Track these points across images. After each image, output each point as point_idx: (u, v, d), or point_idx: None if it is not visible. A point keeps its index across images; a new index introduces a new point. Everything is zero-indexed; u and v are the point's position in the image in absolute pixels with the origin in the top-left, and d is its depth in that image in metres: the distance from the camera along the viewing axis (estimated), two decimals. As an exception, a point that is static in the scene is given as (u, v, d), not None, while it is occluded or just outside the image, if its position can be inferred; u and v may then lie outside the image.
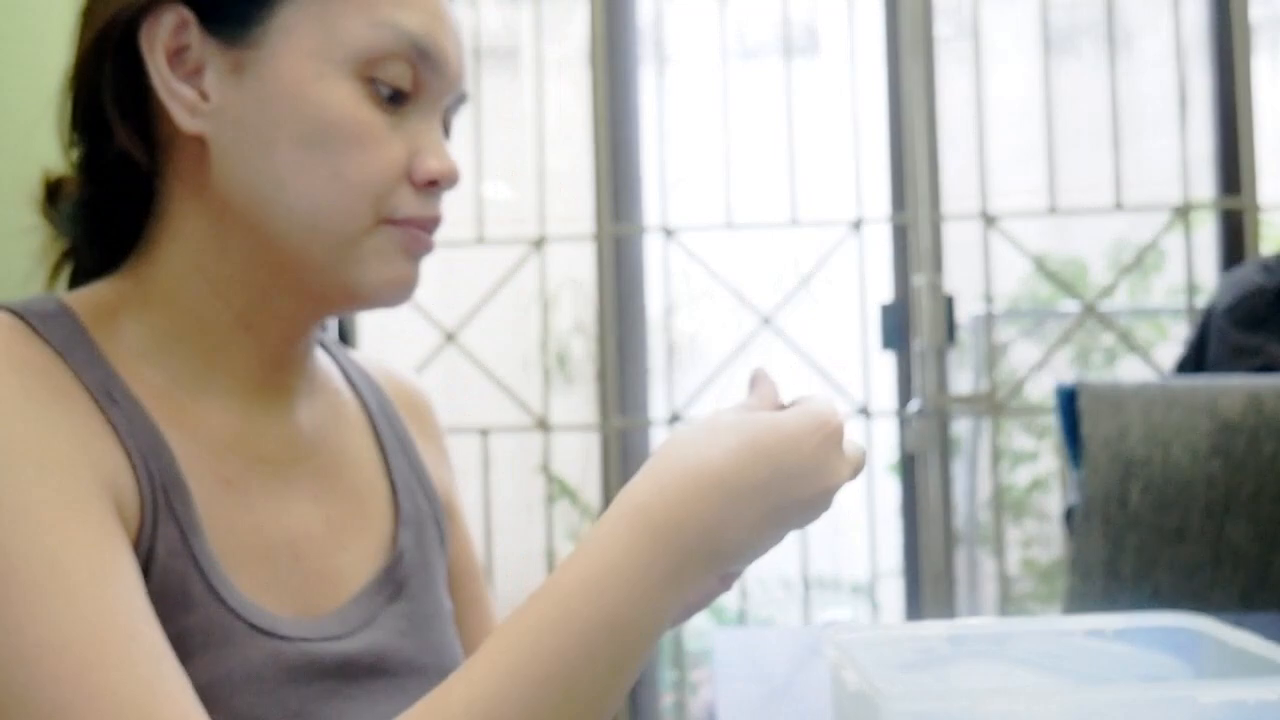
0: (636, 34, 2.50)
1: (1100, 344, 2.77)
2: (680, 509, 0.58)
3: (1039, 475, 2.86)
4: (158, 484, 0.64)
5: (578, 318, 2.97)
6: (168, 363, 0.69)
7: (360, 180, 0.68)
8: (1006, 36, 2.59)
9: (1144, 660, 0.70)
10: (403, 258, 0.71)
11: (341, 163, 0.67)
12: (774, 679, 1.05)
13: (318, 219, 0.68)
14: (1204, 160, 2.39)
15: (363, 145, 0.68)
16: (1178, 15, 2.27)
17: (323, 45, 0.67)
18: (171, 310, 0.70)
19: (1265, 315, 1.86)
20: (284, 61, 0.67)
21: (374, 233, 0.69)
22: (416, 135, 0.71)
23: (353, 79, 0.68)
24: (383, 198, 0.69)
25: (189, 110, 0.68)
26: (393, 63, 0.68)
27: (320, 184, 0.67)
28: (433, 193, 0.71)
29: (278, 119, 0.67)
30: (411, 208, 0.70)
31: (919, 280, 2.28)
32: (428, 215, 0.71)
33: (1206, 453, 1.45)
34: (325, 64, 0.67)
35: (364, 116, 0.68)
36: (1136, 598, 1.46)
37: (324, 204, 0.67)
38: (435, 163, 0.70)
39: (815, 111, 2.40)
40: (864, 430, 2.34)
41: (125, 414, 0.65)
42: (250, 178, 0.68)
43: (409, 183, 0.70)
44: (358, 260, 0.69)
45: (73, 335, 0.66)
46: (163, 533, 0.64)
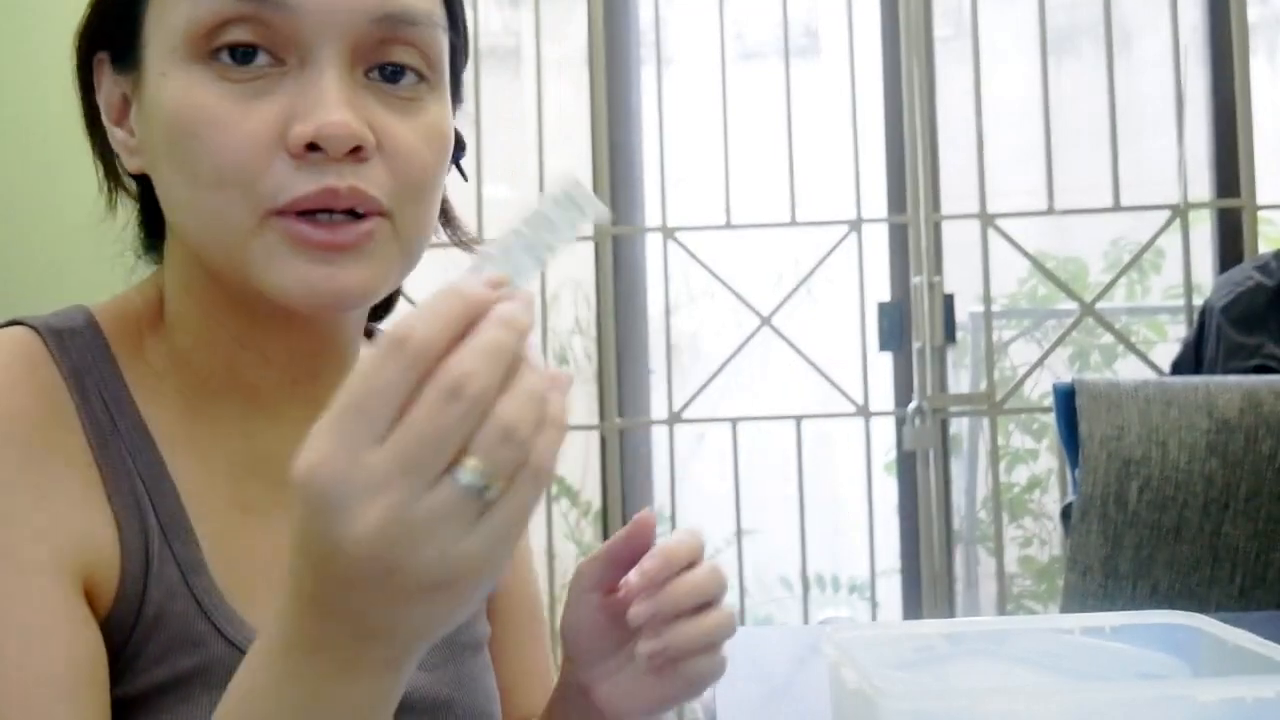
0: (637, 34, 2.50)
1: (1098, 343, 2.77)
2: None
3: (1037, 474, 2.86)
4: (154, 527, 0.62)
5: (578, 318, 2.97)
6: (184, 383, 0.67)
7: (214, 173, 0.59)
8: (1005, 37, 2.60)
9: (1142, 658, 0.70)
10: (300, 259, 0.60)
11: (192, 159, 0.60)
12: (773, 678, 1.05)
13: (198, 229, 0.62)
14: (1202, 160, 2.40)
15: (205, 131, 0.59)
16: (1176, 16, 2.28)
17: (163, 41, 0.61)
18: (180, 330, 0.68)
19: (1262, 315, 1.86)
20: (149, 74, 0.63)
21: (261, 230, 0.60)
22: (296, 96, 0.60)
23: (193, 63, 0.60)
24: (254, 185, 0.59)
25: (126, 151, 0.67)
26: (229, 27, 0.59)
27: (185, 192, 0.61)
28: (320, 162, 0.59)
29: (154, 138, 0.63)
30: (291, 187, 0.59)
31: (918, 280, 2.29)
32: (310, 191, 0.59)
33: (1204, 451, 1.46)
34: (166, 60, 0.61)
35: (201, 101, 0.59)
36: (1134, 596, 1.47)
37: (196, 210, 0.61)
38: (304, 122, 0.58)
39: (815, 112, 2.40)
40: (863, 430, 2.34)
41: (129, 447, 0.63)
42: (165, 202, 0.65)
43: (287, 156, 0.59)
44: (254, 266, 0.60)
45: (92, 355, 0.65)
46: (160, 576, 0.62)
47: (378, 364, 0.44)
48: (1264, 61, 2.95)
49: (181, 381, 0.67)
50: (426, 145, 0.63)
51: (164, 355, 0.67)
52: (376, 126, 0.61)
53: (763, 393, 2.64)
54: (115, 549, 0.61)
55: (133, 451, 0.63)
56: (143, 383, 0.66)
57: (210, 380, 0.67)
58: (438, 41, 0.64)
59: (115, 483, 0.62)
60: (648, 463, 2.51)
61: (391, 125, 0.62)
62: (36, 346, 0.63)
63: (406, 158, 0.62)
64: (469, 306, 0.45)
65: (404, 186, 0.62)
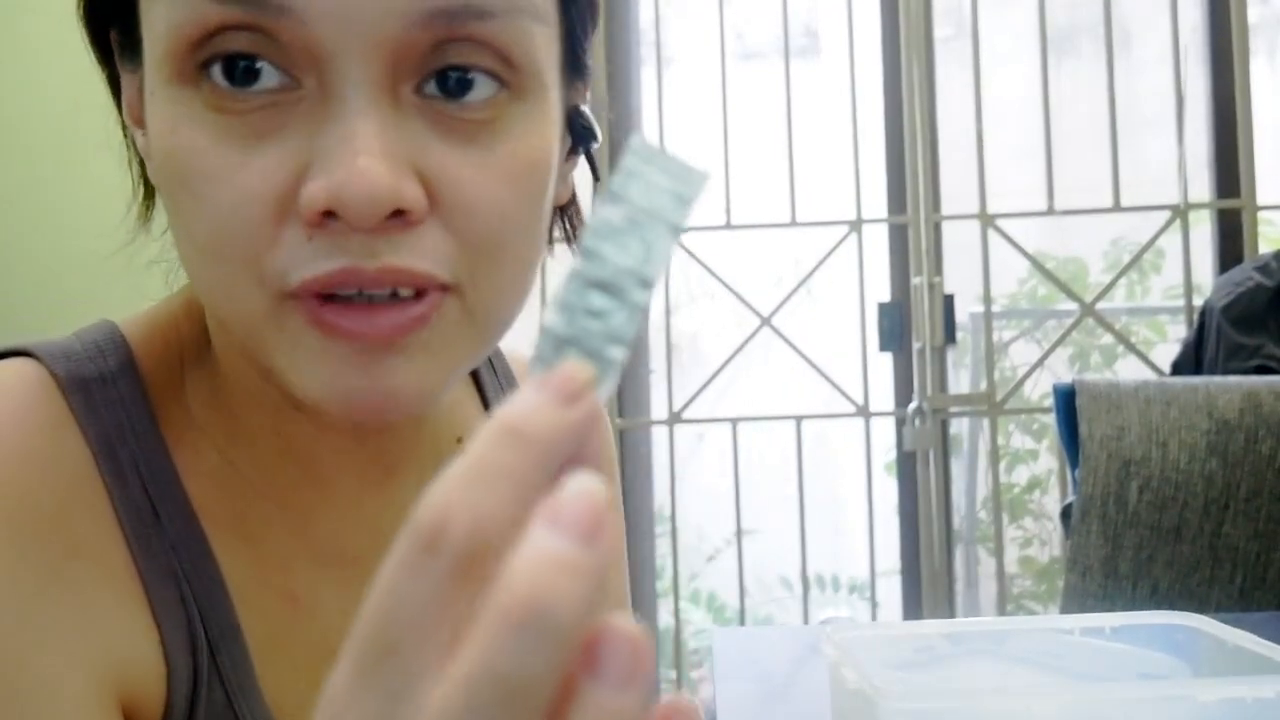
0: (637, 34, 2.50)
1: (1098, 344, 2.77)
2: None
3: (1037, 474, 2.86)
4: (201, 641, 0.50)
5: (577, 318, 2.96)
6: (225, 441, 0.54)
7: (210, 239, 0.44)
8: (1005, 37, 2.60)
9: (1142, 658, 0.70)
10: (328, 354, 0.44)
11: (184, 219, 0.45)
12: (773, 678, 1.05)
13: (209, 300, 0.48)
14: (1202, 161, 2.40)
15: (198, 183, 0.43)
16: (1176, 16, 2.28)
17: (151, 48, 0.45)
18: (223, 377, 0.54)
19: (1262, 315, 1.86)
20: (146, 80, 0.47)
21: (278, 314, 0.44)
22: (313, 136, 0.43)
23: (180, 85, 0.44)
24: (261, 258, 0.43)
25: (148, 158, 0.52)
26: (223, 36, 0.42)
27: (185, 252, 0.47)
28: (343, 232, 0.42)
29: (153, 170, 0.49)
30: (303, 265, 0.43)
31: (918, 280, 2.29)
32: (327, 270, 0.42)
33: (1204, 452, 1.46)
34: (152, 73, 0.45)
35: (187, 140, 0.43)
36: (1134, 596, 1.47)
37: (199, 280, 0.47)
38: (321, 178, 0.41)
39: (815, 112, 2.40)
40: (863, 430, 2.34)
41: (172, 539, 0.50)
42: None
43: (300, 223, 0.43)
44: (271, 360, 0.46)
45: (127, 414, 0.51)
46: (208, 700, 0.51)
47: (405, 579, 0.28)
48: (1264, 62, 2.95)
49: (225, 440, 0.53)
50: (508, 187, 0.45)
51: (207, 403, 0.53)
52: (430, 172, 0.43)
53: (763, 393, 2.63)
54: (160, 670, 0.49)
55: (177, 544, 0.50)
56: (184, 444, 0.52)
57: (259, 441, 0.53)
58: (526, 36, 0.45)
59: (159, 589, 0.50)
60: (648, 463, 2.51)
61: (455, 167, 0.44)
62: (55, 403, 0.49)
63: (475, 213, 0.44)
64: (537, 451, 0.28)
65: (476, 250, 0.45)
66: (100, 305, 0.61)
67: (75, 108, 0.70)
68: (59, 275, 2.00)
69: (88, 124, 0.65)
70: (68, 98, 0.70)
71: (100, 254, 0.61)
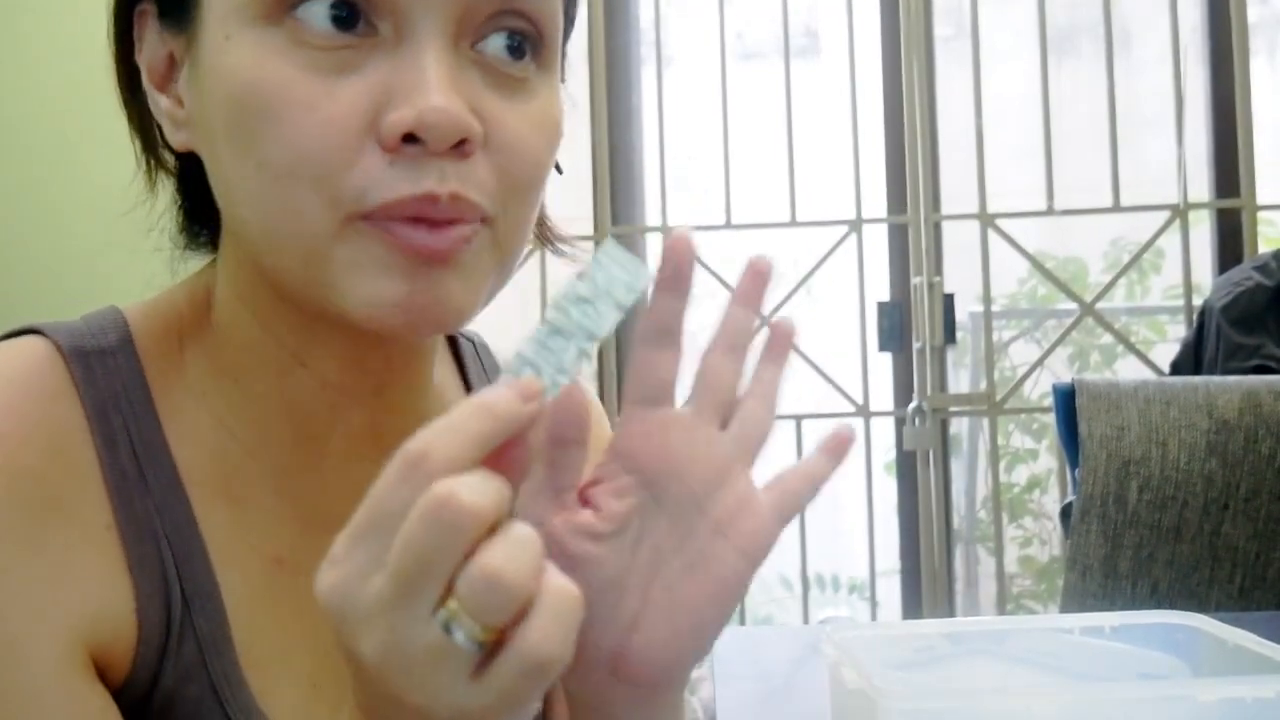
0: (637, 34, 2.50)
1: (1098, 343, 2.77)
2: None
3: (1037, 474, 2.86)
4: (177, 599, 0.54)
5: (577, 317, 2.97)
6: (223, 407, 0.58)
7: (290, 164, 0.48)
8: (1005, 37, 2.60)
9: (1142, 658, 0.70)
10: (394, 270, 0.49)
11: (262, 146, 0.49)
12: (773, 677, 1.05)
13: (266, 230, 0.51)
14: (1201, 161, 2.40)
15: (283, 112, 0.48)
16: (1176, 16, 2.28)
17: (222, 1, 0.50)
18: (226, 340, 0.58)
19: (1262, 315, 1.86)
20: (207, 34, 0.51)
21: (345, 235, 0.49)
22: (391, 73, 0.48)
23: (266, 24, 0.49)
24: (337, 180, 0.48)
25: (172, 124, 0.55)
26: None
27: (253, 183, 0.50)
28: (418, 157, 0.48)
29: (211, 111, 0.51)
30: (385, 188, 0.48)
31: (918, 280, 2.29)
32: (406, 195, 0.48)
33: (1204, 451, 1.46)
34: (230, 19, 0.50)
35: (275, 73, 0.48)
36: (1134, 596, 1.47)
37: (264, 208, 0.50)
38: (405, 109, 0.47)
39: (815, 112, 2.41)
40: (863, 430, 2.34)
41: (156, 503, 0.55)
42: (219, 190, 0.54)
43: (378, 148, 0.48)
44: (332, 278, 0.50)
45: (123, 384, 0.55)
46: (178, 656, 0.54)
47: (393, 482, 0.41)
48: (1264, 62, 2.95)
49: (224, 406, 0.58)
50: (539, 136, 0.52)
51: (207, 372, 0.58)
52: (483, 113, 0.50)
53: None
54: (132, 625, 0.53)
55: (161, 507, 0.55)
56: (178, 413, 0.57)
57: (258, 403, 0.58)
58: (555, 12, 0.53)
59: (137, 548, 0.54)
60: (647, 462, 2.51)
61: (500, 112, 0.51)
62: (58, 371, 0.54)
63: (516, 152, 0.51)
64: (497, 424, 0.42)
65: (509, 187, 0.51)
66: (99, 301, 0.62)
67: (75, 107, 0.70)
68: (57, 273, 2.00)
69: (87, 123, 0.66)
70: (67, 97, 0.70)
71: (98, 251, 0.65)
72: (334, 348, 0.57)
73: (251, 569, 0.57)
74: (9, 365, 0.54)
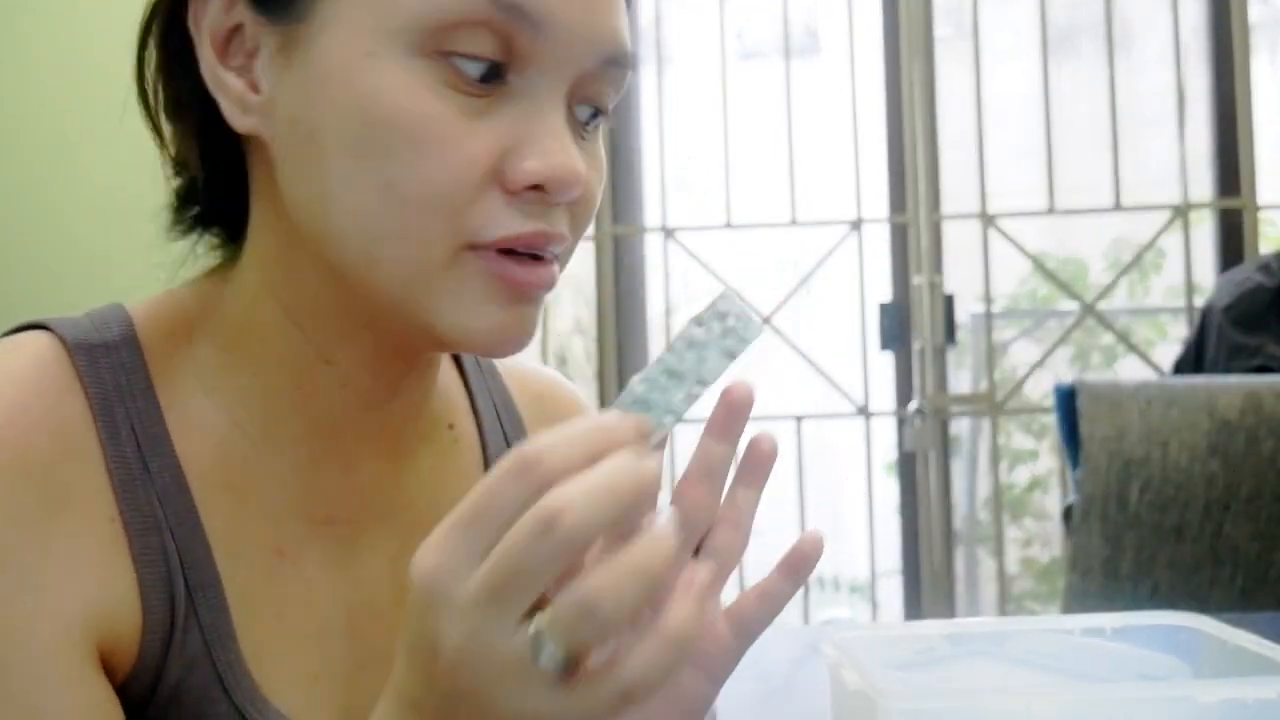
0: (637, 35, 2.50)
1: (1099, 344, 2.77)
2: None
3: (1038, 474, 2.86)
4: (180, 590, 0.55)
5: (578, 318, 2.97)
6: (233, 400, 0.58)
7: (422, 192, 0.51)
8: (1006, 37, 2.60)
9: (1143, 659, 0.70)
10: (495, 300, 0.53)
11: (396, 170, 0.51)
12: (773, 678, 1.05)
13: (373, 245, 0.52)
14: (1202, 160, 2.40)
15: (426, 145, 0.51)
16: (1177, 16, 2.28)
17: (376, 13, 0.51)
18: (243, 334, 0.58)
19: (1263, 315, 1.86)
20: (332, 38, 0.52)
21: (455, 264, 0.52)
22: (518, 123, 0.52)
23: (418, 56, 0.51)
24: (460, 213, 0.51)
25: (239, 105, 0.55)
26: (473, 30, 0.51)
27: (372, 199, 0.52)
28: (541, 202, 0.53)
29: (323, 114, 0.52)
30: (504, 224, 0.52)
31: (918, 280, 2.29)
32: (527, 231, 0.52)
33: (1205, 452, 1.46)
34: (379, 38, 0.51)
35: (425, 106, 0.51)
36: (1135, 596, 1.47)
37: (379, 225, 0.52)
38: (537, 160, 0.51)
39: (815, 112, 2.41)
40: (863, 430, 2.34)
41: (159, 493, 0.56)
42: (304, 189, 0.54)
43: (500, 190, 0.52)
44: (434, 301, 0.53)
45: (127, 378, 0.56)
46: (183, 646, 0.55)
47: (503, 480, 0.43)
48: (1265, 61, 2.95)
49: (234, 398, 0.58)
50: (599, 184, 0.57)
51: (212, 366, 0.59)
52: None
53: (763, 393, 2.63)
54: (137, 615, 0.54)
55: (163, 498, 0.56)
56: (183, 405, 0.58)
57: (272, 398, 0.59)
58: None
59: (141, 539, 0.55)
60: (648, 463, 2.51)
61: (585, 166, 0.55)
62: (63, 365, 0.55)
63: (587, 201, 0.56)
64: (611, 440, 0.44)
65: (575, 229, 0.56)
66: (99, 301, 0.62)
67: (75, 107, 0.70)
68: (57, 274, 2.00)
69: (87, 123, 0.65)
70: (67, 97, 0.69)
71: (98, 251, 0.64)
72: (364, 350, 0.58)
73: (254, 560, 0.58)
74: (15, 361, 0.55)
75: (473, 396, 0.69)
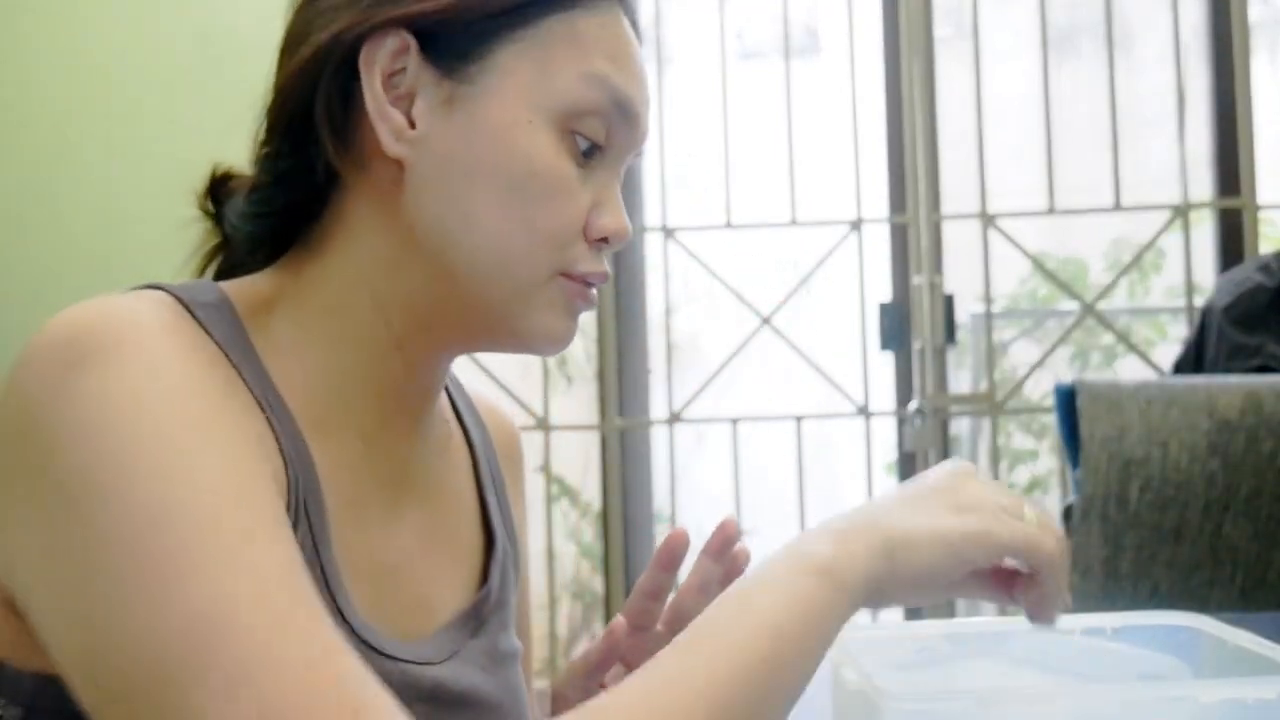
0: (639, 36, 2.50)
1: (1099, 343, 2.77)
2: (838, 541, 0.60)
3: (1038, 475, 2.86)
4: (301, 490, 0.65)
5: (577, 317, 2.96)
6: (311, 368, 0.69)
7: (549, 231, 0.68)
8: (1006, 36, 2.60)
9: (1143, 659, 0.70)
10: (568, 312, 0.71)
11: (535, 212, 0.68)
12: (774, 678, 1.05)
13: (502, 263, 0.68)
14: (1202, 160, 2.39)
15: (557, 196, 0.68)
16: (1177, 15, 2.28)
17: (536, 92, 0.68)
18: (329, 317, 0.70)
19: (1263, 315, 1.86)
20: (496, 102, 0.67)
21: (549, 284, 0.69)
22: (598, 190, 0.71)
23: (555, 129, 0.68)
24: (563, 250, 0.69)
25: (395, 135, 0.67)
26: (593, 118, 0.69)
27: (511, 230, 0.67)
28: (603, 249, 0.72)
29: (481, 159, 0.67)
30: (585, 263, 0.70)
31: (918, 280, 2.29)
32: (598, 271, 0.71)
33: (1205, 452, 1.46)
34: (535, 111, 0.68)
35: (562, 168, 0.68)
36: (1135, 596, 1.47)
37: (511, 250, 0.68)
38: (611, 220, 0.71)
39: (815, 111, 2.40)
40: (863, 430, 2.34)
41: (277, 417, 0.65)
42: (442, 210, 0.68)
43: (584, 237, 0.70)
44: (529, 308, 0.69)
45: (232, 329, 0.66)
46: (299, 538, 0.63)
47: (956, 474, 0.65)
48: (1265, 61, 2.95)
49: (313, 364, 0.69)
50: None
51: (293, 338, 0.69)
52: None
53: (763, 393, 2.63)
54: (286, 494, 0.63)
55: (281, 420, 0.65)
56: (271, 360, 0.67)
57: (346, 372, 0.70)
58: None
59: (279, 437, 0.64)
60: (647, 463, 2.51)
61: None
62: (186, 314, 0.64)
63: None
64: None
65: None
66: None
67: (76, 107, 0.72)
68: (57, 273, 2.00)
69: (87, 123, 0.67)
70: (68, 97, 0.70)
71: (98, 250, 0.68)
72: (434, 344, 0.72)
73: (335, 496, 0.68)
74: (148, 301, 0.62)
75: (455, 403, 0.83)
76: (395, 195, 0.68)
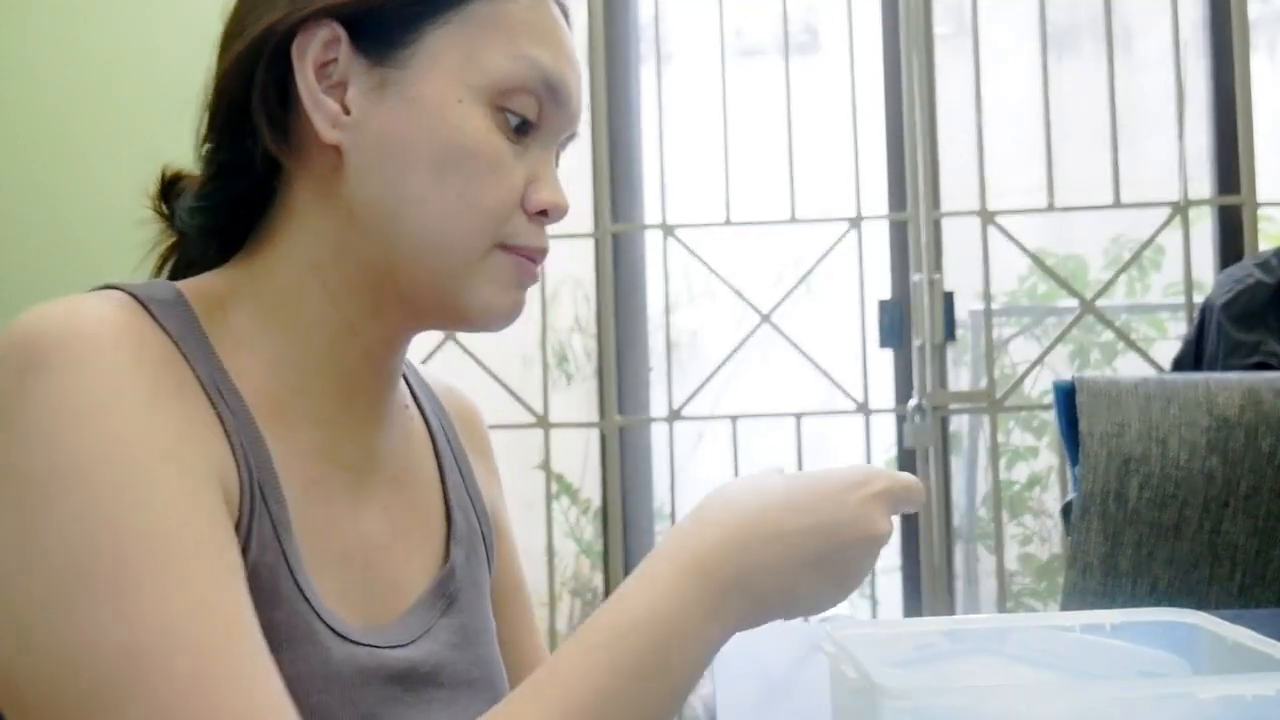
0: (636, 31, 2.50)
1: (1098, 341, 2.77)
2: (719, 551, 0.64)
3: (1037, 471, 2.87)
4: (255, 480, 0.66)
5: (577, 315, 2.97)
6: (270, 357, 0.71)
7: (486, 205, 0.70)
8: (1006, 34, 2.60)
9: (1142, 656, 0.70)
10: (512, 285, 0.73)
11: (471, 187, 0.69)
12: (773, 675, 1.05)
13: (440, 239, 0.70)
14: (1202, 157, 2.39)
15: (491, 171, 0.70)
16: (1176, 13, 2.28)
17: (465, 72, 0.69)
18: (282, 306, 0.71)
19: (1263, 312, 1.86)
20: (427, 84, 0.69)
21: (488, 257, 0.71)
22: (533, 166, 0.73)
23: (486, 106, 0.70)
24: (501, 224, 0.71)
25: (330, 122, 0.69)
26: (523, 95, 0.71)
27: (448, 205, 0.69)
28: (543, 223, 0.74)
29: (415, 139, 0.69)
30: (525, 236, 0.72)
31: (918, 277, 2.29)
32: (537, 245, 0.73)
33: (1204, 449, 1.46)
34: (465, 90, 0.69)
35: (495, 143, 0.70)
36: (1134, 593, 1.47)
37: (449, 225, 0.70)
38: (548, 194, 0.73)
39: (815, 109, 2.40)
40: (863, 427, 2.34)
41: (230, 408, 0.67)
42: (381, 192, 0.69)
43: (522, 211, 0.72)
44: (471, 283, 0.71)
45: (187, 325, 0.67)
46: (258, 527, 0.65)
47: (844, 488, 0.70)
48: (1265, 58, 2.95)
49: (271, 355, 0.71)
50: None
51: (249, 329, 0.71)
52: None
53: (763, 390, 2.64)
54: (237, 488, 0.65)
55: (234, 412, 0.67)
56: (227, 354, 0.69)
57: (305, 358, 0.72)
58: None
59: (229, 431, 0.66)
60: (647, 460, 2.51)
61: None
62: (140, 311, 0.65)
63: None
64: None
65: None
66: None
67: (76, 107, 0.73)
68: (57, 273, 2.00)
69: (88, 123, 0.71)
70: (68, 97, 0.71)
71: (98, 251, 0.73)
72: (386, 325, 0.73)
73: (296, 483, 0.69)
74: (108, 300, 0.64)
75: (411, 387, 0.85)
76: (335, 181, 0.70)
